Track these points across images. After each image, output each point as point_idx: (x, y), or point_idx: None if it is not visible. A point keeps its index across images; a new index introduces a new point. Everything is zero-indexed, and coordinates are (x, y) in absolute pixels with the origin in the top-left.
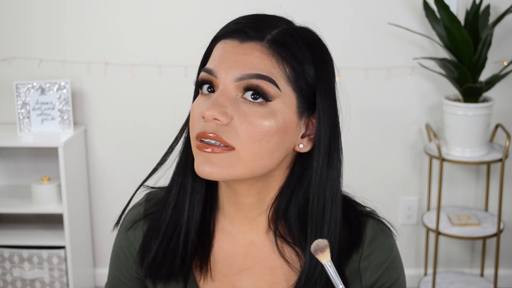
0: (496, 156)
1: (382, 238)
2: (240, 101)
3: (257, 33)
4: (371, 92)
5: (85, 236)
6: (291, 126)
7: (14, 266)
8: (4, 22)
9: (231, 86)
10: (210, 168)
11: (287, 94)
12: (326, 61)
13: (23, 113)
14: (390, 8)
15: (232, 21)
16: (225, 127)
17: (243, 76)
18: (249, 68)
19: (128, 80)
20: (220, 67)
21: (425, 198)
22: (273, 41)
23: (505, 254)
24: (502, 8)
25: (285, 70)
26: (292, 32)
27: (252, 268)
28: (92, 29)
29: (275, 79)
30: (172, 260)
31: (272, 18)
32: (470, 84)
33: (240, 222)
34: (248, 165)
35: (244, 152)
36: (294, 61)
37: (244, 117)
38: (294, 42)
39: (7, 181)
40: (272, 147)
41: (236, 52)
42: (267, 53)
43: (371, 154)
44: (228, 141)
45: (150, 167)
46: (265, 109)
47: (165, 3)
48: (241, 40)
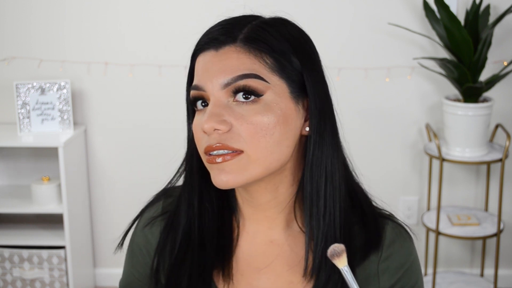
0: (496, 156)
1: (402, 241)
2: (233, 105)
3: (229, 36)
4: (371, 92)
5: (85, 236)
6: (291, 113)
7: (14, 266)
8: (4, 22)
9: (220, 94)
10: (225, 177)
11: (276, 83)
12: (305, 44)
13: (23, 113)
14: (390, 8)
15: (203, 34)
16: (227, 134)
17: (228, 81)
18: (231, 71)
19: (128, 80)
20: (204, 79)
21: (425, 198)
22: (246, 38)
23: (505, 254)
24: (502, 8)
25: (266, 61)
26: (263, 25)
27: (271, 267)
28: (92, 29)
29: (259, 73)
30: (191, 271)
31: (241, 18)
32: (470, 84)
33: (259, 222)
34: (260, 163)
35: (252, 151)
36: (272, 50)
37: (242, 119)
38: (267, 34)
39: (7, 181)
40: (277, 138)
41: (214, 60)
42: (243, 52)
43: (371, 154)
44: (234, 145)
45: (150, 167)
46: (259, 104)
47: (165, 3)
48: (216, 48)
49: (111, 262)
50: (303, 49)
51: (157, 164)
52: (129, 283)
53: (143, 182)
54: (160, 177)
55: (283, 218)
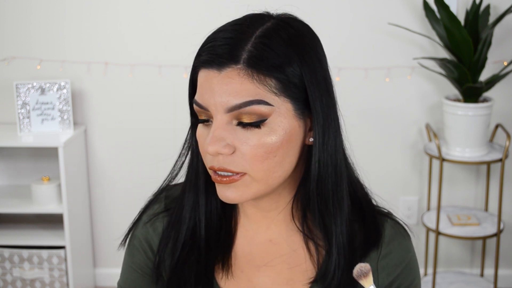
0: (496, 156)
1: (400, 238)
2: (237, 128)
3: (231, 55)
4: (371, 92)
5: (85, 236)
6: (294, 131)
7: (14, 266)
8: (4, 22)
9: (224, 117)
10: (231, 194)
11: (280, 104)
12: (310, 50)
13: (23, 113)
14: (390, 8)
15: (205, 43)
16: (230, 157)
17: (231, 107)
18: (234, 97)
19: (128, 80)
20: (208, 101)
21: (425, 198)
22: (249, 59)
23: (505, 254)
24: (502, 8)
25: (270, 84)
26: (267, 38)
27: (270, 265)
28: (92, 29)
29: (263, 98)
30: (192, 267)
31: (244, 28)
32: (470, 84)
33: (259, 222)
34: (263, 183)
35: (255, 173)
36: (277, 72)
37: (245, 142)
38: (272, 50)
39: (7, 181)
40: (280, 159)
41: (217, 82)
42: (247, 75)
43: (371, 154)
44: (237, 169)
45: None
46: (263, 128)
47: (165, 3)
48: (218, 68)
49: (111, 262)
50: (308, 59)
51: (157, 164)
52: (129, 280)
53: (143, 182)
54: (160, 177)
55: (282, 218)
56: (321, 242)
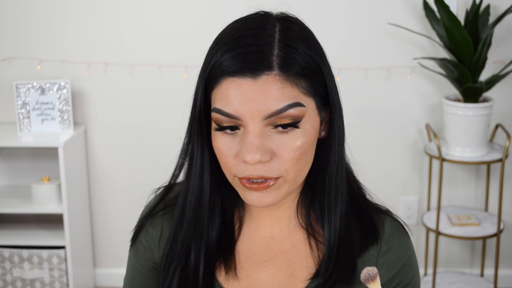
0: (496, 156)
1: (400, 236)
2: (272, 133)
3: (264, 62)
4: (371, 92)
5: (85, 236)
6: (317, 127)
7: (14, 266)
8: (4, 22)
9: (261, 124)
10: (265, 199)
11: (309, 104)
12: (317, 42)
13: (23, 113)
14: (390, 8)
15: (226, 51)
16: (268, 163)
17: (270, 113)
18: (274, 103)
19: (128, 80)
20: (241, 110)
21: (425, 198)
22: (282, 64)
23: (505, 254)
24: (502, 8)
25: (302, 86)
26: (289, 40)
27: (271, 261)
28: (92, 29)
29: (298, 101)
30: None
31: (260, 30)
32: (470, 84)
33: (262, 219)
34: (293, 182)
35: (290, 175)
36: (306, 72)
37: (282, 147)
38: (297, 52)
39: (7, 181)
40: (309, 157)
41: (254, 91)
42: (283, 80)
43: (371, 154)
44: (275, 175)
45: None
46: (298, 131)
47: (165, 3)
48: (252, 76)
49: (111, 262)
50: (322, 53)
51: (157, 164)
52: (133, 278)
53: (143, 182)
54: (160, 177)
55: (286, 216)
56: (321, 239)
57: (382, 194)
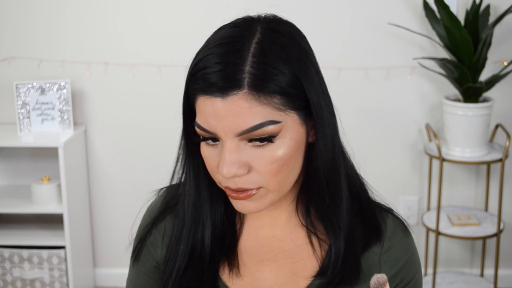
0: (496, 156)
1: (402, 233)
2: (249, 147)
3: (233, 80)
4: (371, 92)
5: (85, 236)
6: (301, 138)
7: (14, 266)
8: (4, 22)
9: (235, 140)
10: (248, 207)
11: (287, 118)
12: (303, 56)
13: (23, 113)
14: (390, 8)
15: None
16: (246, 176)
17: (242, 131)
18: (244, 122)
19: (128, 80)
20: (215, 127)
21: (425, 198)
22: (253, 82)
23: (505, 254)
24: (502, 8)
25: (276, 102)
26: (263, 55)
27: (273, 260)
28: (92, 29)
29: (272, 119)
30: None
31: (235, 44)
32: (470, 84)
33: (262, 219)
34: (277, 192)
35: (270, 185)
36: (280, 89)
37: (258, 160)
38: (271, 68)
39: (7, 181)
40: (291, 167)
41: (223, 109)
42: (252, 99)
43: (371, 154)
44: (254, 186)
45: (150, 167)
46: (275, 144)
47: (165, 3)
48: (222, 96)
49: (111, 262)
50: (303, 66)
51: (157, 163)
52: (136, 278)
53: (143, 182)
54: (160, 177)
55: (286, 215)
56: (323, 236)
57: (382, 194)
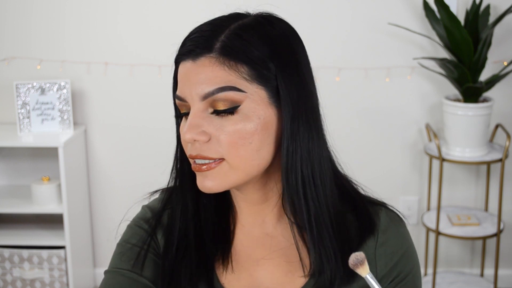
0: (496, 156)
1: (396, 226)
2: (212, 116)
3: (205, 45)
4: (371, 92)
5: (85, 236)
6: (270, 119)
7: (14, 266)
8: (4, 22)
9: (200, 105)
10: (208, 183)
11: (254, 91)
12: (285, 45)
13: (23, 113)
14: (390, 8)
15: (183, 40)
16: (207, 144)
17: (205, 94)
18: (207, 85)
19: (128, 80)
20: (184, 91)
21: (425, 198)
22: (222, 48)
23: (505, 254)
24: (502, 8)
25: (243, 70)
26: (240, 31)
27: (269, 258)
28: (92, 29)
29: (234, 85)
30: (192, 264)
31: (220, 22)
32: (470, 84)
33: (253, 215)
34: (240, 170)
35: (232, 159)
36: (248, 59)
37: (220, 129)
38: (244, 41)
39: (7, 181)
40: (256, 146)
41: (192, 72)
42: (218, 63)
43: (371, 154)
44: (214, 156)
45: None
46: (237, 115)
47: (165, 3)
48: (193, 59)
49: None
50: (281, 52)
51: (157, 164)
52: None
53: (143, 182)
54: (159, 177)
55: (276, 212)
56: (308, 232)
57: (382, 194)
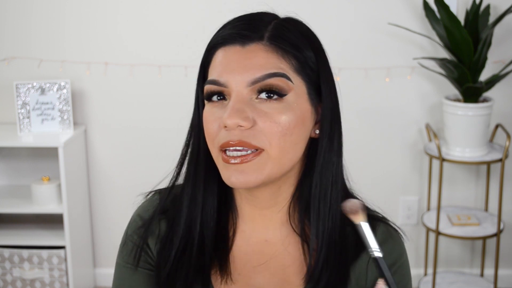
0: (496, 156)
1: (392, 243)
2: (256, 102)
3: (255, 33)
4: (371, 92)
5: (85, 236)
6: (307, 115)
7: (14, 266)
8: (4, 22)
9: (245, 91)
10: (244, 178)
11: (298, 84)
12: (320, 45)
13: (23, 113)
14: (390, 8)
15: (223, 27)
16: (250, 131)
17: (256, 79)
18: (259, 70)
19: (128, 80)
20: (228, 76)
21: (425, 198)
22: (272, 37)
23: (505, 254)
24: (502, 8)
25: (291, 62)
26: (285, 24)
27: (266, 266)
28: (92, 29)
29: (286, 73)
30: (189, 269)
31: (262, 15)
32: (470, 84)
33: (255, 221)
34: (277, 162)
35: (273, 150)
36: (297, 51)
37: (265, 116)
38: (291, 33)
39: (7, 181)
40: (295, 139)
41: (240, 57)
42: (271, 51)
43: (371, 154)
44: (257, 144)
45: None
46: (282, 104)
47: (165, 3)
48: (242, 44)
49: (111, 262)
50: (321, 50)
51: (157, 163)
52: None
53: (143, 182)
54: (159, 177)
55: (279, 218)
56: (314, 245)
57: (382, 194)
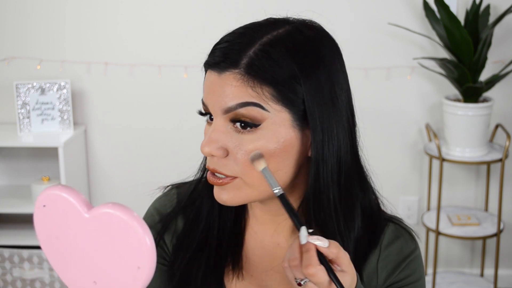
0: (496, 156)
1: (402, 241)
2: (232, 131)
3: (232, 59)
4: (371, 92)
5: None
6: (291, 142)
7: (14, 266)
8: (4, 22)
9: (221, 119)
10: (224, 196)
11: (277, 113)
12: (318, 62)
13: (23, 113)
14: (390, 8)
15: (217, 43)
16: (224, 160)
17: (228, 108)
18: (230, 99)
19: (128, 80)
20: (208, 101)
21: (425, 198)
22: (248, 65)
23: (505, 254)
24: (502, 8)
25: (267, 91)
26: (271, 46)
27: (277, 269)
28: (92, 29)
29: (258, 102)
30: (204, 269)
31: (255, 30)
32: (470, 84)
33: (267, 225)
34: (256, 189)
35: (246, 178)
36: (274, 81)
37: (238, 147)
38: (272, 60)
39: (7, 181)
40: (273, 168)
41: (216, 84)
42: (244, 80)
43: (370, 154)
44: (228, 173)
45: (150, 167)
46: (256, 134)
47: (165, 3)
48: (219, 71)
49: None
50: (311, 71)
51: (157, 163)
52: None
53: (143, 182)
54: (159, 177)
55: (290, 225)
56: None
57: (382, 194)
